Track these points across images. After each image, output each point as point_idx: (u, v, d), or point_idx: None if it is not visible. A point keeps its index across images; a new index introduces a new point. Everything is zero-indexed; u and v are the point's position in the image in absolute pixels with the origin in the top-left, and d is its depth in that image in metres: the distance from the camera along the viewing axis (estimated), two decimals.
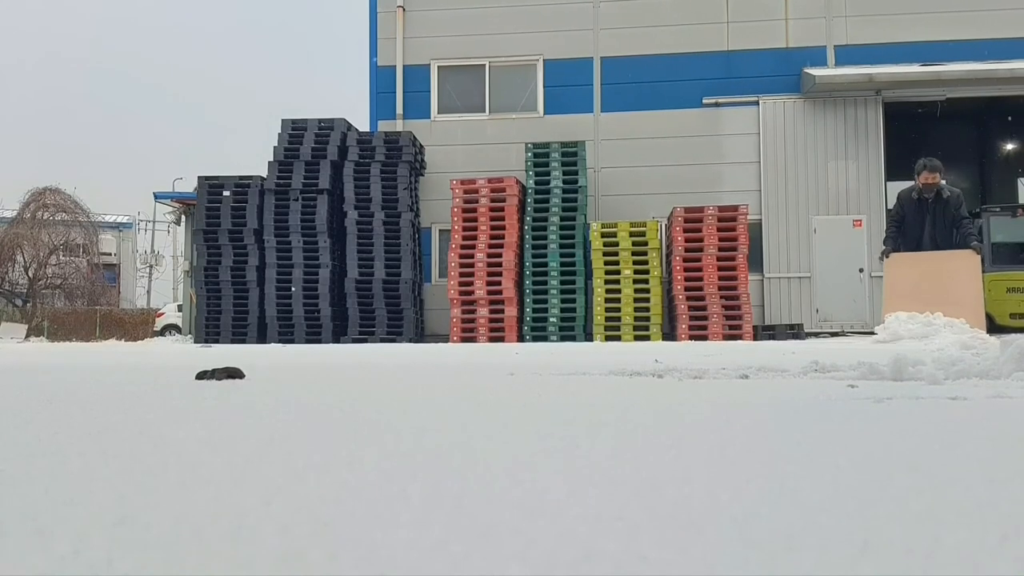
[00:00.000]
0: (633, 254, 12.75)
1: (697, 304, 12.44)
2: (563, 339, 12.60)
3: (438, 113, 14.89)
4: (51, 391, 2.27)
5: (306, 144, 14.01)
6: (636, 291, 12.67)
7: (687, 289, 12.50)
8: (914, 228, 8.83)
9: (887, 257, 8.90)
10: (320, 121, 14.28)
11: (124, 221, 40.82)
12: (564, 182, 13.32)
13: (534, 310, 12.95)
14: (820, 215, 13.76)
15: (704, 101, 14.22)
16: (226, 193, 13.96)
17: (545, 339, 12.62)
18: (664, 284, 12.94)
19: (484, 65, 14.77)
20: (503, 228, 13.10)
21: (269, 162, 14.07)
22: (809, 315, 13.58)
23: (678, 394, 1.99)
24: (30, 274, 28.43)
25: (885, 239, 9.07)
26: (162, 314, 27.36)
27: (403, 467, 0.95)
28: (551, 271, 13.00)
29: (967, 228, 8.65)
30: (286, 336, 13.42)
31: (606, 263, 12.79)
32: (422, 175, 14.66)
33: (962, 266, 8.54)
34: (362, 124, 14.98)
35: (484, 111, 14.76)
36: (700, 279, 12.50)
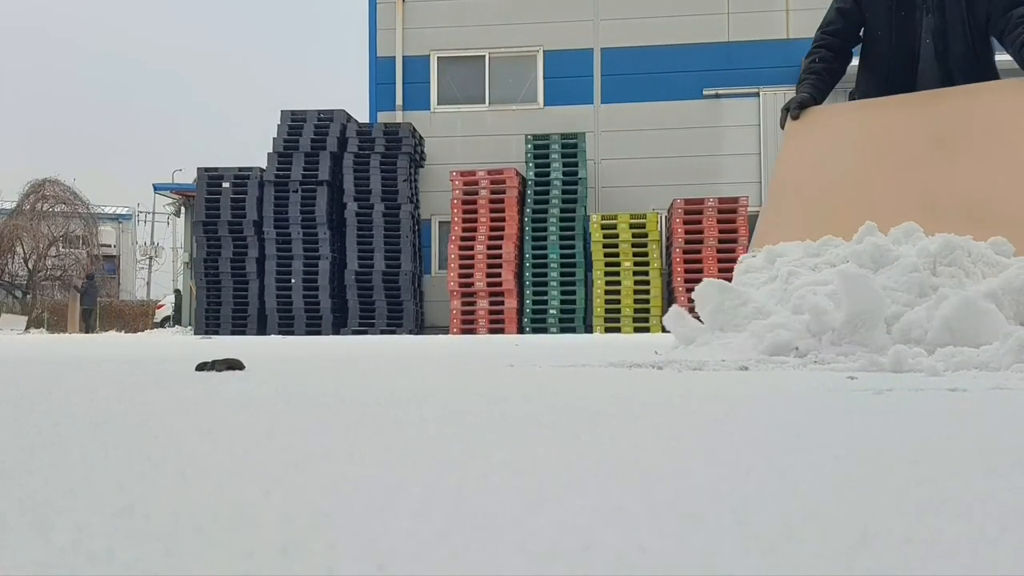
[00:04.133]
0: (633, 246, 12.76)
1: None
2: (563, 331, 12.62)
3: (438, 104, 14.87)
4: (51, 382, 2.28)
5: (305, 136, 14.01)
6: (636, 283, 12.68)
7: (687, 281, 12.52)
8: (891, 47, 3.99)
9: (793, 118, 4.01)
10: (319, 112, 14.27)
11: (123, 213, 40.83)
12: (564, 174, 13.32)
13: (534, 302, 12.96)
14: None
15: (704, 92, 14.20)
16: (225, 185, 13.96)
17: (545, 331, 12.64)
18: (664, 276, 12.94)
19: (484, 56, 14.74)
20: (503, 220, 13.10)
21: (268, 153, 14.07)
22: None
23: (678, 385, 1.99)
24: (30, 266, 28.43)
25: (800, 81, 4.19)
26: (162, 306, 27.40)
27: (403, 458, 0.95)
28: (551, 263, 13.01)
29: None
30: (286, 328, 13.44)
31: (606, 255, 12.79)
32: (422, 167, 14.65)
33: (1013, 111, 3.69)
34: (362, 115, 14.97)
35: (484, 102, 14.74)
36: (700, 271, 12.51)
